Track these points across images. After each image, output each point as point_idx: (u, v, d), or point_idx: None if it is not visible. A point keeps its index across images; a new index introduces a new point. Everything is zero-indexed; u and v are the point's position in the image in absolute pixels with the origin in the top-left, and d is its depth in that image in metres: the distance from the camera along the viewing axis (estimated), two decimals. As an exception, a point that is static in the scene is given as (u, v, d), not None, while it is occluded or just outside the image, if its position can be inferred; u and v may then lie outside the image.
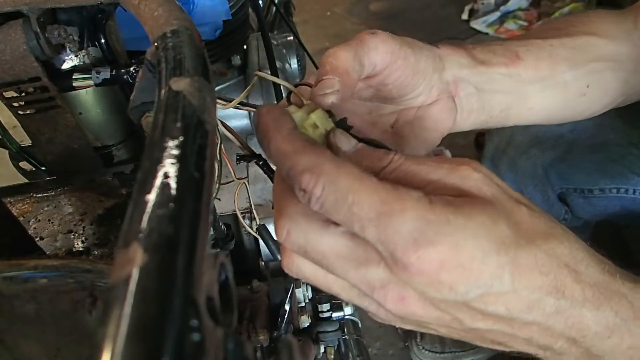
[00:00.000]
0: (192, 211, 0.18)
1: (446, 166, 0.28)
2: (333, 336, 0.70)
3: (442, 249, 0.25)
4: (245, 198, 0.69)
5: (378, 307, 0.30)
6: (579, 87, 0.49)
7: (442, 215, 0.25)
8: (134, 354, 0.14)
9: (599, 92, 0.51)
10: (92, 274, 0.36)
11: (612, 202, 0.77)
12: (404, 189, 0.26)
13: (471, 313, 0.27)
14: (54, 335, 0.35)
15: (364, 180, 0.26)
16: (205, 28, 0.75)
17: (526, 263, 0.26)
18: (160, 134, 0.20)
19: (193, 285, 0.16)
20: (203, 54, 0.27)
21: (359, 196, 0.26)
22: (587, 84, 0.49)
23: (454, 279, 0.25)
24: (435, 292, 0.26)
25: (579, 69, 0.48)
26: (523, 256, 0.26)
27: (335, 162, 0.27)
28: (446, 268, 0.25)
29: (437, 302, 0.27)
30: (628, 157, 0.74)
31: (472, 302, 0.27)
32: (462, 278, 0.25)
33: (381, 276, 0.28)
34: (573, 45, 0.47)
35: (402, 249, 0.25)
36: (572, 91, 0.49)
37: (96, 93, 0.51)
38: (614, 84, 0.51)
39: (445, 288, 0.26)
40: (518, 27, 2.41)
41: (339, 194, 0.26)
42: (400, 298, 0.28)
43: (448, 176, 0.27)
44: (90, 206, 0.50)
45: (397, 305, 0.28)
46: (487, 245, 0.25)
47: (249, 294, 0.66)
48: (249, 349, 0.21)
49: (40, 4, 0.41)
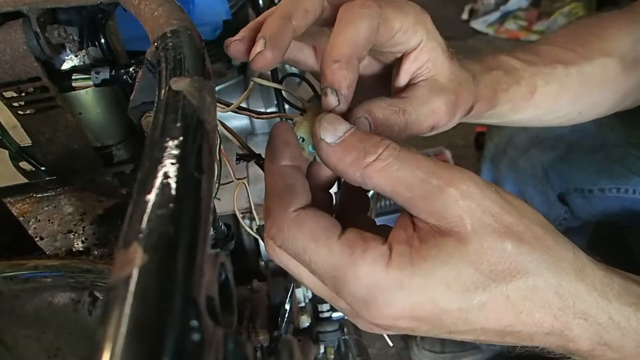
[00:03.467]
0: (192, 211, 0.18)
1: (434, 183, 0.26)
2: (333, 336, 0.70)
3: (395, 311, 0.26)
4: (245, 198, 0.68)
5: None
6: (571, 115, 0.50)
7: (395, 281, 0.25)
8: (134, 354, 0.14)
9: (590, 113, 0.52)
10: (92, 274, 0.36)
11: (612, 202, 0.77)
12: (361, 251, 0.26)
13: (442, 336, 0.28)
14: (54, 335, 0.35)
15: (320, 241, 0.27)
16: (205, 28, 0.75)
17: (494, 305, 0.26)
18: (160, 134, 0.20)
19: (193, 285, 0.16)
20: (203, 54, 0.27)
21: (314, 257, 0.27)
22: (580, 111, 0.50)
23: (414, 326, 0.27)
24: (397, 330, 0.28)
25: (577, 100, 0.49)
26: (491, 298, 0.25)
27: (296, 219, 0.27)
28: (402, 321, 0.26)
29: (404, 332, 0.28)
30: (628, 157, 0.74)
31: (438, 335, 0.28)
32: (421, 325, 0.27)
33: (350, 311, 0.29)
34: (588, 73, 0.48)
35: (357, 308, 0.27)
36: (562, 119, 0.51)
37: (96, 93, 0.51)
38: (609, 103, 0.52)
39: (406, 331, 0.27)
40: (518, 27, 2.41)
41: (297, 250, 0.27)
42: (369, 328, 0.29)
43: (433, 196, 0.26)
44: (90, 206, 0.50)
45: (369, 330, 0.30)
46: (447, 298, 0.25)
47: (249, 294, 0.66)
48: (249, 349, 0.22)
49: (40, 4, 0.41)
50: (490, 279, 0.25)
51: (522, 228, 0.26)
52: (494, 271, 0.25)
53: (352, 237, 0.27)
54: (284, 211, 0.28)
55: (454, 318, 0.26)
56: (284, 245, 0.28)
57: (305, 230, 0.27)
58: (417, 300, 0.25)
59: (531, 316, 0.26)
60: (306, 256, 0.27)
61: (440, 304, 0.25)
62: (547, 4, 2.45)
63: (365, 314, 0.27)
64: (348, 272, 0.26)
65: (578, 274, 0.27)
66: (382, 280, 0.25)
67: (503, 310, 0.26)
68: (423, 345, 1.22)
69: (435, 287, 0.25)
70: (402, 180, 0.26)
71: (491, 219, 0.26)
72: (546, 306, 0.26)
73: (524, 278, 0.25)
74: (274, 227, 0.28)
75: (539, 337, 0.27)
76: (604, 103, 0.52)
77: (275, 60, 0.30)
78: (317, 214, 0.28)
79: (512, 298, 0.25)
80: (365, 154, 0.27)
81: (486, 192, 0.26)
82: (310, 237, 0.27)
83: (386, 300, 0.25)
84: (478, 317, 0.26)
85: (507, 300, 0.25)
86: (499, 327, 0.26)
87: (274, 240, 0.28)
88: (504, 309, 0.26)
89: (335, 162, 0.28)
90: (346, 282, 0.26)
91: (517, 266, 0.25)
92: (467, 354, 1.19)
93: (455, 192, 0.26)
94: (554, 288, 0.26)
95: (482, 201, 0.26)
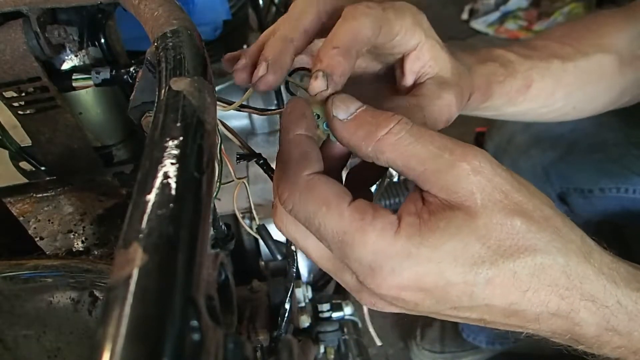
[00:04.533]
0: (192, 211, 0.18)
1: (447, 157, 0.26)
2: (333, 336, 0.70)
3: (400, 280, 0.25)
4: (245, 198, 0.68)
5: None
6: (566, 109, 0.51)
7: (403, 249, 0.25)
8: (134, 354, 0.14)
9: (585, 109, 0.53)
10: (92, 274, 0.36)
11: (612, 201, 0.77)
12: (370, 218, 0.26)
13: (445, 315, 0.28)
14: (54, 335, 0.35)
15: (331, 205, 0.27)
16: (205, 28, 0.75)
17: (500, 281, 0.25)
18: (160, 134, 0.20)
19: (193, 285, 0.16)
20: (203, 54, 0.27)
21: (325, 221, 0.27)
22: (574, 106, 0.50)
23: (418, 299, 0.26)
24: (401, 305, 0.28)
25: (572, 95, 0.49)
26: (498, 273, 0.25)
27: (309, 183, 0.27)
28: (407, 292, 0.26)
29: (407, 308, 0.28)
30: (628, 157, 0.74)
31: (442, 311, 0.27)
32: (426, 298, 0.26)
33: (354, 284, 0.29)
34: (584, 68, 0.48)
35: (362, 276, 0.27)
36: (557, 113, 0.51)
37: (96, 93, 0.51)
38: (605, 99, 0.52)
39: (410, 304, 0.27)
40: (518, 27, 2.41)
41: (307, 214, 0.27)
42: (372, 303, 0.29)
43: (445, 170, 0.26)
44: (90, 206, 0.50)
45: (371, 305, 0.30)
46: (453, 270, 0.25)
47: (249, 294, 0.66)
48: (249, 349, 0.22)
49: (40, 4, 0.41)
50: (497, 254, 0.25)
51: (531, 207, 0.26)
52: (502, 247, 0.25)
53: (362, 205, 0.27)
54: (298, 175, 0.28)
55: (459, 291, 0.26)
56: (294, 209, 0.28)
57: (317, 194, 0.27)
58: (423, 270, 0.25)
59: (537, 294, 0.26)
60: (316, 220, 0.27)
61: (447, 275, 0.25)
62: (547, 4, 2.45)
63: (370, 282, 0.26)
64: (356, 237, 0.26)
65: (586, 257, 0.27)
66: (390, 248, 0.25)
67: (509, 287, 0.26)
68: (423, 345, 1.22)
69: (442, 259, 0.25)
70: (415, 154, 0.27)
71: (502, 196, 0.26)
72: (553, 285, 0.26)
73: (532, 255, 0.25)
74: (286, 191, 0.28)
75: (545, 319, 0.27)
76: (599, 99, 0.52)
77: (277, 82, 0.31)
78: (329, 180, 0.28)
79: (519, 275, 0.25)
80: (377, 127, 0.28)
81: (497, 170, 0.27)
82: (321, 201, 0.27)
83: (393, 268, 0.25)
84: (484, 292, 0.26)
85: (514, 276, 0.25)
86: (504, 304, 0.26)
87: (285, 204, 0.28)
88: (510, 285, 0.26)
89: (348, 137, 0.29)
90: (354, 247, 0.26)
91: (525, 243, 0.26)
92: (467, 354, 1.19)
93: (467, 166, 0.26)
94: (562, 267, 0.26)
95: (493, 178, 0.26)
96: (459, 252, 0.25)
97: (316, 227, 0.27)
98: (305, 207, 0.27)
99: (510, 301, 0.26)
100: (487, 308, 0.26)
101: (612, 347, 0.28)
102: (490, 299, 0.26)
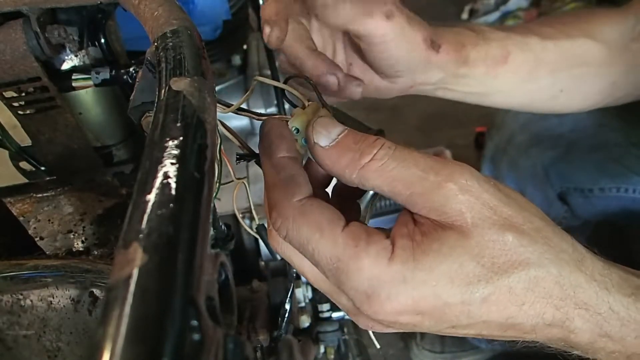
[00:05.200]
0: (192, 211, 0.18)
1: (432, 179, 0.26)
2: (333, 336, 0.70)
3: (397, 305, 0.25)
4: (245, 198, 0.68)
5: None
6: (552, 91, 0.51)
7: (398, 274, 0.25)
8: (134, 354, 0.14)
9: (574, 96, 0.52)
10: (92, 274, 0.36)
11: (612, 201, 0.77)
12: (364, 244, 0.26)
13: (444, 332, 0.28)
14: (54, 335, 0.35)
15: (324, 232, 0.27)
16: (205, 28, 0.75)
17: (497, 298, 0.26)
18: (160, 134, 0.20)
19: (193, 285, 0.16)
20: (203, 54, 0.27)
21: (319, 247, 0.27)
22: (561, 89, 0.50)
23: (416, 322, 0.27)
24: (399, 327, 0.28)
25: (556, 75, 0.49)
26: (494, 291, 0.25)
27: (301, 209, 0.27)
28: (405, 316, 0.26)
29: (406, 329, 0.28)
30: (628, 156, 0.74)
31: (441, 330, 0.28)
32: (423, 320, 0.26)
33: (351, 307, 0.29)
34: (566, 49, 0.49)
35: (358, 302, 0.26)
36: (544, 94, 0.51)
37: (96, 93, 0.51)
38: (595, 88, 0.52)
39: (408, 327, 0.27)
40: (518, 27, 2.41)
41: (301, 240, 0.27)
42: (370, 327, 0.29)
43: (432, 192, 0.26)
44: (90, 206, 0.50)
45: (370, 328, 0.30)
46: (449, 292, 0.25)
47: (249, 294, 0.66)
48: (249, 349, 0.22)
49: (40, 4, 0.41)
50: (492, 271, 0.25)
51: (521, 220, 0.26)
52: (496, 264, 0.25)
53: (355, 230, 0.27)
54: (289, 201, 0.28)
55: (457, 312, 0.26)
56: (289, 236, 0.28)
57: (310, 221, 0.27)
58: (420, 294, 0.25)
59: (533, 307, 0.26)
60: (310, 247, 0.27)
61: (443, 297, 0.25)
62: (547, 4, 2.45)
63: (367, 309, 0.26)
64: (351, 264, 0.26)
65: (578, 265, 0.27)
66: (385, 274, 0.25)
67: (506, 302, 0.26)
68: (423, 345, 1.22)
69: (438, 281, 0.25)
70: (400, 178, 0.26)
71: (490, 212, 0.26)
72: (547, 296, 0.26)
73: (526, 269, 0.26)
74: (279, 218, 0.28)
75: (541, 329, 0.27)
76: (587, 86, 0.52)
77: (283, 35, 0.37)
78: (321, 205, 0.28)
79: (515, 289, 0.26)
80: (361, 155, 0.27)
81: (484, 186, 0.26)
82: (314, 228, 0.27)
83: (389, 294, 0.25)
84: (480, 310, 0.26)
85: (510, 292, 0.26)
86: (501, 319, 0.26)
87: (279, 231, 0.28)
88: (506, 300, 0.26)
89: (331, 165, 0.28)
90: (349, 274, 0.26)
91: (518, 258, 0.26)
92: (467, 354, 1.19)
93: (454, 186, 0.26)
94: (555, 278, 0.26)
95: (481, 195, 0.26)
96: (454, 273, 0.25)
97: (310, 253, 0.27)
98: (299, 233, 0.27)
99: (507, 315, 0.26)
100: (484, 324, 0.27)
101: (607, 352, 0.28)
102: (487, 316, 0.26)
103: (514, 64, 0.46)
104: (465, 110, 0.40)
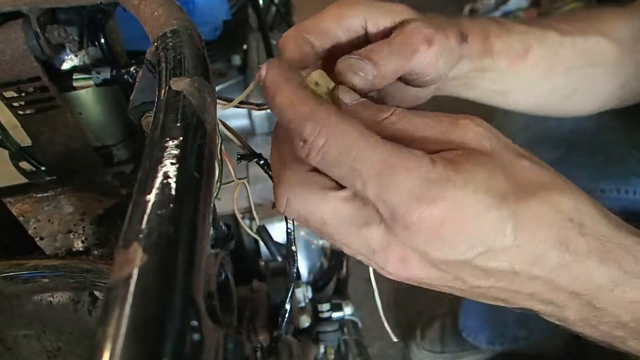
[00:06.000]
0: (192, 211, 0.18)
1: (446, 120, 0.28)
2: (333, 336, 0.70)
3: (443, 207, 0.25)
4: (245, 198, 0.69)
5: (380, 269, 0.29)
6: (567, 90, 0.50)
7: (443, 174, 0.25)
8: (133, 354, 0.14)
9: (587, 95, 0.52)
10: (92, 274, 0.36)
11: (612, 203, 0.77)
12: (407, 148, 0.26)
13: (473, 272, 0.27)
14: (54, 335, 0.35)
15: (369, 136, 0.26)
16: (205, 28, 0.75)
17: (528, 216, 0.26)
18: (160, 134, 0.20)
19: (193, 285, 0.16)
20: (203, 54, 0.27)
21: (363, 152, 0.25)
22: (576, 88, 0.50)
23: (455, 237, 0.26)
24: (436, 251, 0.26)
25: (571, 73, 0.49)
26: (524, 209, 0.26)
27: (341, 115, 0.26)
28: (447, 226, 0.25)
29: (438, 263, 0.27)
30: (629, 158, 0.74)
31: (474, 260, 0.26)
32: (463, 235, 0.26)
33: (382, 238, 0.28)
34: (582, 46, 0.48)
35: (404, 207, 0.25)
36: (559, 93, 0.50)
37: (96, 93, 0.51)
38: (606, 89, 0.52)
39: (446, 246, 0.26)
40: (518, 27, 2.41)
41: (342, 147, 0.26)
42: (401, 260, 0.28)
43: (449, 130, 0.28)
44: (90, 206, 0.50)
45: (398, 268, 0.28)
46: (487, 201, 0.25)
47: (249, 294, 0.66)
48: (249, 349, 0.22)
49: (40, 4, 0.41)
50: (518, 189, 0.26)
51: (528, 153, 0.29)
52: (520, 183, 0.26)
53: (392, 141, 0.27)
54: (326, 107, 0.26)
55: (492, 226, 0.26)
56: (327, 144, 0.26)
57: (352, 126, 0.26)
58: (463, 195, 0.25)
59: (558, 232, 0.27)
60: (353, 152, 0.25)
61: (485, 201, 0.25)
62: (547, 4, 2.45)
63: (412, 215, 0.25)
64: (399, 164, 0.25)
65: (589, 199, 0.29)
66: (431, 173, 0.25)
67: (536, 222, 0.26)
68: (423, 345, 1.22)
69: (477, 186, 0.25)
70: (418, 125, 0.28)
71: (504, 143, 0.28)
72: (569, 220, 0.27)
73: (547, 191, 0.27)
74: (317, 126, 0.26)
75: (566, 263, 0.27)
76: (600, 86, 0.52)
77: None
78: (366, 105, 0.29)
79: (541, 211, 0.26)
80: (380, 111, 0.29)
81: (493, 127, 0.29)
82: (358, 132, 0.26)
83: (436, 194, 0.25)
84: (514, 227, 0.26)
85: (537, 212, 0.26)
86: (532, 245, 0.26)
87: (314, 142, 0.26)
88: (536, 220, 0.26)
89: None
90: (395, 175, 0.25)
91: (537, 180, 0.27)
92: (467, 354, 1.19)
93: (467, 121, 0.28)
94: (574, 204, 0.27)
95: (492, 129, 0.28)
96: (489, 183, 0.26)
97: (351, 162, 0.25)
98: (341, 138, 0.25)
99: (537, 240, 0.26)
100: (517, 250, 0.26)
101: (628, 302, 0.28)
102: (520, 239, 0.26)
103: (534, 58, 0.46)
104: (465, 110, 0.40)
